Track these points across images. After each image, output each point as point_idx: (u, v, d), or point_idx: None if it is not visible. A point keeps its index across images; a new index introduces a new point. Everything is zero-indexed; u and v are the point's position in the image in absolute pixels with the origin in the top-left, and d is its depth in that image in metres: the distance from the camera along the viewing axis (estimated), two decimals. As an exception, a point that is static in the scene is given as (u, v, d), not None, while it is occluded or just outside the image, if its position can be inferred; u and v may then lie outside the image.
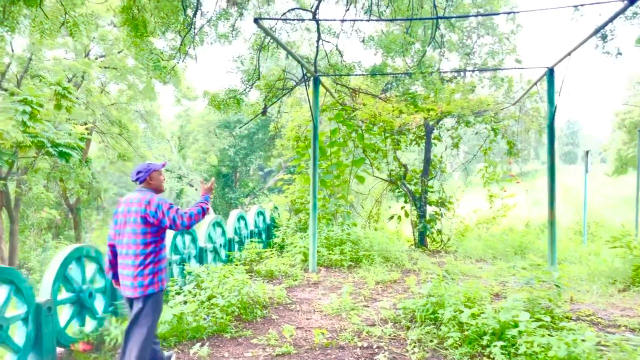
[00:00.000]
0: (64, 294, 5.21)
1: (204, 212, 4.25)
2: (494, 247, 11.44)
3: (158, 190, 4.35)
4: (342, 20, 8.14)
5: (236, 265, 8.30)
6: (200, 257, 8.50)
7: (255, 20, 6.27)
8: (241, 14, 8.80)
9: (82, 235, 20.50)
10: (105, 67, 18.75)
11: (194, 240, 8.36)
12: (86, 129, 20.62)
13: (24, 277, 4.57)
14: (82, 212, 21.11)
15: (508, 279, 8.65)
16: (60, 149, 12.61)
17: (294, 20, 8.84)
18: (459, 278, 8.78)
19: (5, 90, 15.72)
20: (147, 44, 7.47)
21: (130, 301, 4.17)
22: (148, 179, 4.29)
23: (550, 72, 8.57)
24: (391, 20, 9.93)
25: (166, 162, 4.67)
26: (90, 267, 5.65)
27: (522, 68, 9.45)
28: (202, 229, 8.87)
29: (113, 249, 4.32)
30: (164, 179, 4.55)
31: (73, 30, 8.30)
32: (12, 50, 16.89)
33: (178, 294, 6.59)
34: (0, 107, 10.68)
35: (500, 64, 13.21)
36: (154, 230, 4.10)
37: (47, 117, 14.18)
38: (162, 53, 8.78)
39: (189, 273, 7.56)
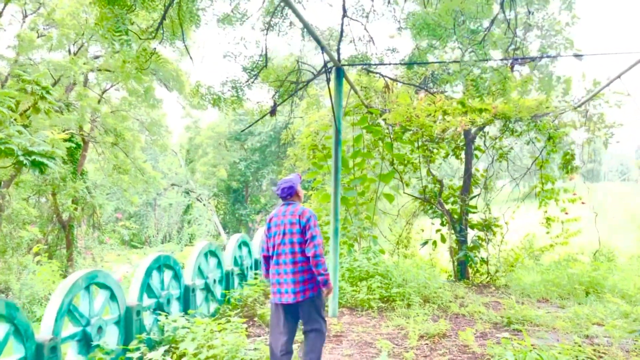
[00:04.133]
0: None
1: (325, 270, 4.35)
2: (557, 282, 9.19)
3: (302, 199, 4.78)
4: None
5: (230, 314, 6.21)
6: (186, 300, 6.39)
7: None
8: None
9: (75, 256, 18.56)
10: (106, 70, 16.97)
11: (176, 276, 6.27)
12: (82, 138, 18.84)
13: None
14: (75, 229, 19.21)
15: (595, 332, 6.44)
16: (33, 157, 10.72)
17: None
18: (526, 329, 6.60)
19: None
20: (119, 17, 5.53)
21: (287, 308, 4.42)
22: (296, 192, 4.64)
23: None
24: None
25: (300, 174, 4.98)
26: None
27: (612, 54, 7.34)
28: (190, 260, 6.79)
29: (267, 260, 4.62)
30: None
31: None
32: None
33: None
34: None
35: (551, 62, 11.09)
36: None
37: (21, 121, 12.36)
38: (142, 32, 6.80)
39: (161, 328, 5.47)
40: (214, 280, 7.21)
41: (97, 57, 16.55)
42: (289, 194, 4.58)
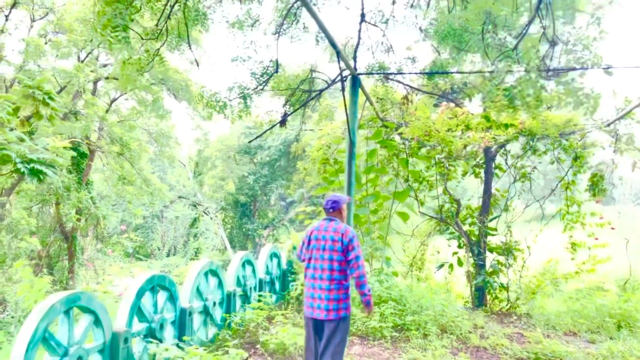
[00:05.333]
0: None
1: (369, 290, 4.46)
2: (584, 314, 8.50)
3: (345, 220, 4.83)
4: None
5: (229, 342, 5.62)
6: (181, 324, 5.81)
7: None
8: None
9: (76, 268, 18.05)
10: (114, 79, 16.64)
11: (172, 298, 5.70)
12: (88, 147, 18.45)
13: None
14: (77, 240, 18.74)
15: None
16: (32, 165, 10.28)
17: None
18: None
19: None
20: (117, 12, 5.07)
21: (317, 324, 4.52)
22: (340, 209, 4.74)
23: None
24: None
25: (350, 197, 5.45)
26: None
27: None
28: (188, 280, 6.23)
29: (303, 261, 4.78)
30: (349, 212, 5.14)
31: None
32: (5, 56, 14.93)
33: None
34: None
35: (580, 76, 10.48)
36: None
37: (22, 127, 11.97)
38: (147, 33, 6.35)
39: (152, 358, 4.89)
40: (214, 303, 6.63)
41: (105, 66, 16.20)
42: (332, 208, 4.69)
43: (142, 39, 5.87)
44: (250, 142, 20.41)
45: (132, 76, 5.68)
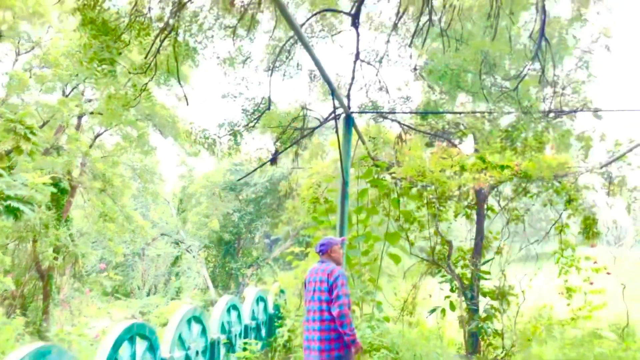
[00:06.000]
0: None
1: (352, 330, 4.44)
2: (583, 363, 8.18)
3: (337, 262, 4.87)
4: (394, 25, 5.52)
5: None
6: (160, 378, 5.37)
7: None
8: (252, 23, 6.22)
9: (51, 308, 17.27)
10: (99, 114, 16.35)
11: (152, 348, 5.28)
12: (70, 183, 17.95)
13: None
14: (54, 279, 18.01)
15: None
16: (8, 202, 9.85)
17: (328, 11, 6.19)
18: None
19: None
20: (104, 45, 4.84)
21: None
22: (329, 251, 4.85)
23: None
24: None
25: (345, 238, 5.73)
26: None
27: (634, 110, 6.72)
28: (169, 328, 5.81)
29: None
30: (343, 253, 5.14)
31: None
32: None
33: None
34: None
35: (570, 119, 10.48)
36: None
37: (1, 163, 11.56)
38: (134, 68, 6.12)
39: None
40: (197, 352, 6.19)
41: (90, 100, 15.94)
42: (321, 251, 4.84)
43: (129, 73, 5.64)
44: (239, 180, 20.12)
45: (117, 111, 5.41)
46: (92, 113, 15.41)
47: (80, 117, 17.01)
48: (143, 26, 5.64)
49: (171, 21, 5.05)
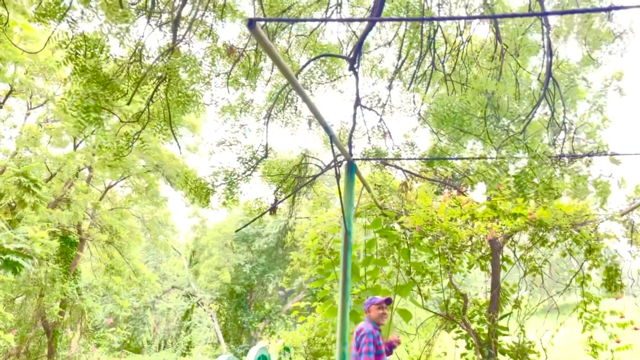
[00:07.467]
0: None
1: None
2: None
3: (377, 322, 5.35)
4: (397, 69, 5.34)
5: None
6: None
7: (251, 24, 3.39)
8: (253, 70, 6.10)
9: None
10: (108, 166, 16.39)
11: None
12: (79, 236, 17.81)
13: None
14: (60, 335, 17.57)
15: None
16: (7, 256, 9.65)
17: (326, 56, 6.06)
18: None
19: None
20: (89, 93, 4.72)
21: None
22: (367, 310, 5.45)
23: None
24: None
25: (390, 297, 5.75)
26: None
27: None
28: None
29: None
30: (383, 313, 5.44)
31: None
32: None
33: None
34: None
35: (586, 164, 10.13)
36: None
37: (3, 217, 11.46)
38: (126, 116, 5.99)
39: None
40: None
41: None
42: (364, 310, 5.48)
43: (121, 122, 5.50)
44: (237, 230, 19.88)
45: (108, 160, 5.22)
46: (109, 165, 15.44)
47: (90, 169, 17.07)
48: (139, 75, 5.54)
49: (160, 63, 4.93)
